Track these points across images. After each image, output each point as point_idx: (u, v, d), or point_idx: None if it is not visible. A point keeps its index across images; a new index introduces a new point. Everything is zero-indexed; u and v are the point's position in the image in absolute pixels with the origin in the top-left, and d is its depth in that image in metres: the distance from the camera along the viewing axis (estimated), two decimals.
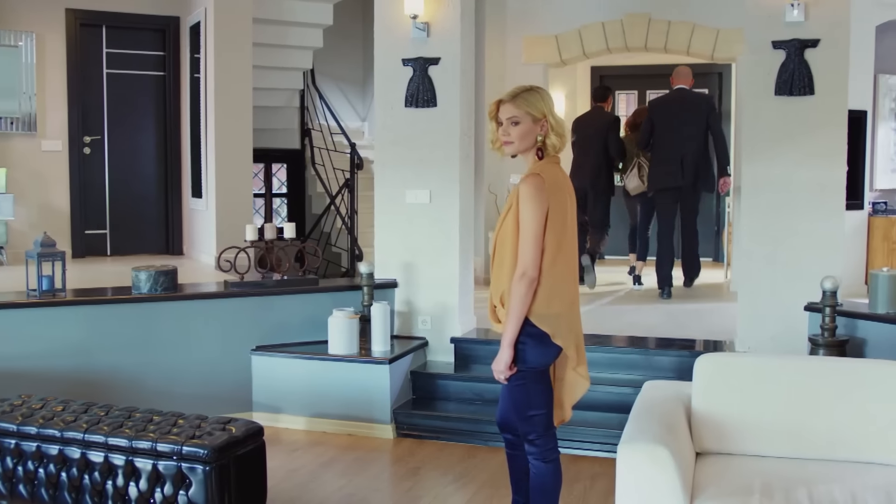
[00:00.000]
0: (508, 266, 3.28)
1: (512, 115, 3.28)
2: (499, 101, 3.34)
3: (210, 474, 3.76)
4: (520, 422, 3.41)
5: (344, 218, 8.81)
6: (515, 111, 3.27)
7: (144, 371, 5.53)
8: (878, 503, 3.13)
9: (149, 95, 8.65)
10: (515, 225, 3.24)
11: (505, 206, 3.36)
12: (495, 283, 3.39)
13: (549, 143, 3.31)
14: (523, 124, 3.27)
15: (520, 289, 3.21)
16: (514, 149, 3.31)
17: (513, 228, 3.25)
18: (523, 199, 3.22)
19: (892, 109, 9.07)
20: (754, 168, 5.57)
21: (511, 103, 3.28)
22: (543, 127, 3.29)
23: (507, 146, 3.32)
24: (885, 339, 5.01)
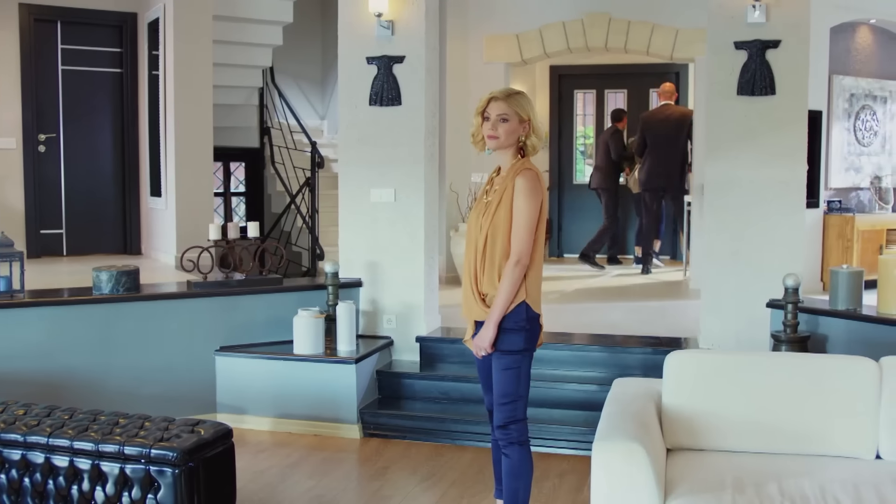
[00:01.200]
0: (501, 253, 3.45)
1: (503, 112, 3.46)
2: (491, 97, 3.50)
3: (179, 477, 3.71)
4: (504, 406, 3.50)
5: (305, 217, 8.74)
6: (507, 109, 3.46)
7: (106, 373, 5.44)
8: (847, 495, 3.18)
9: (106, 92, 8.51)
10: (509, 215, 3.43)
11: (491, 197, 3.51)
12: (489, 270, 3.48)
13: (529, 143, 3.53)
14: (511, 122, 3.47)
15: (514, 274, 3.41)
16: (497, 144, 3.49)
17: (506, 218, 3.44)
18: (521, 191, 3.42)
19: (845, 110, 9.23)
20: (717, 167, 5.63)
21: (504, 101, 3.47)
22: (526, 128, 3.50)
23: (491, 140, 3.49)
24: (845, 334, 5.10)
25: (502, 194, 3.46)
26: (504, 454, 3.56)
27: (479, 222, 3.53)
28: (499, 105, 3.48)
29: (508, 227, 3.44)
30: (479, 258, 3.50)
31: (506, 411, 3.51)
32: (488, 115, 3.50)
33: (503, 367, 3.49)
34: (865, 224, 9.01)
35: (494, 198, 3.49)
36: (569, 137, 11.59)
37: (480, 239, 3.50)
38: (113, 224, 8.63)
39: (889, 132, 9.66)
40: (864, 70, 9.40)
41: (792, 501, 3.14)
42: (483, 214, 3.52)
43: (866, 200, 9.55)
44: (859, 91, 9.33)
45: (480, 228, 3.50)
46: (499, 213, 3.46)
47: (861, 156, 9.45)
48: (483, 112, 3.53)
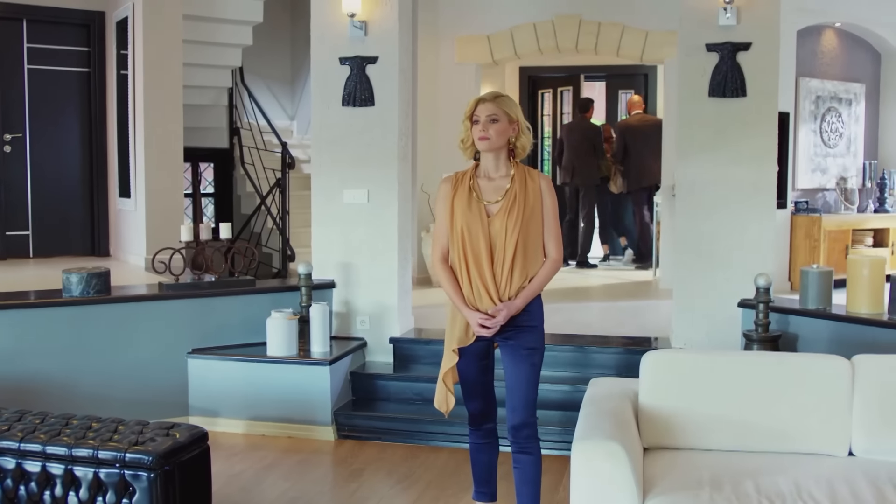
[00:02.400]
0: (534, 255, 3.55)
1: (492, 112, 3.50)
2: (479, 99, 3.56)
3: (155, 481, 3.66)
4: (531, 403, 3.59)
5: (275, 218, 8.69)
6: (496, 110, 3.50)
7: (77, 376, 5.37)
8: (821, 492, 3.22)
9: (73, 92, 8.39)
10: (539, 217, 3.54)
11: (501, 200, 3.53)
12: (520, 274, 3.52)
13: (519, 144, 3.58)
14: (501, 122, 3.51)
15: (552, 272, 3.58)
16: (489, 144, 3.51)
17: (537, 221, 3.54)
18: (550, 192, 3.57)
19: (812, 112, 9.35)
20: (689, 168, 5.68)
21: (492, 102, 3.52)
22: (515, 129, 3.56)
23: (483, 142, 3.51)
24: (815, 333, 5.16)
25: (525, 198, 3.52)
26: (525, 454, 3.61)
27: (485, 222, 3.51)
28: (487, 106, 3.51)
29: (539, 229, 3.54)
30: (508, 264, 3.51)
31: (531, 408, 3.59)
32: (477, 117, 3.53)
33: (533, 364, 3.58)
34: (832, 224, 9.12)
35: (511, 202, 3.51)
36: (538, 138, 11.63)
37: (510, 245, 3.49)
38: (81, 225, 8.51)
39: (854, 134, 9.79)
40: (829, 72, 9.52)
41: (768, 498, 3.17)
42: (507, 217, 3.50)
43: (832, 201, 9.68)
44: (825, 93, 9.45)
45: (506, 233, 3.49)
46: (529, 217, 3.51)
47: (827, 157, 9.57)
48: (472, 116, 3.55)
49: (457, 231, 3.56)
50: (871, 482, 3.29)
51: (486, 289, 3.52)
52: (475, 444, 3.78)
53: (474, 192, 3.57)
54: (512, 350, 3.59)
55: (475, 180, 3.61)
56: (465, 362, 3.64)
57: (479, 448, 3.78)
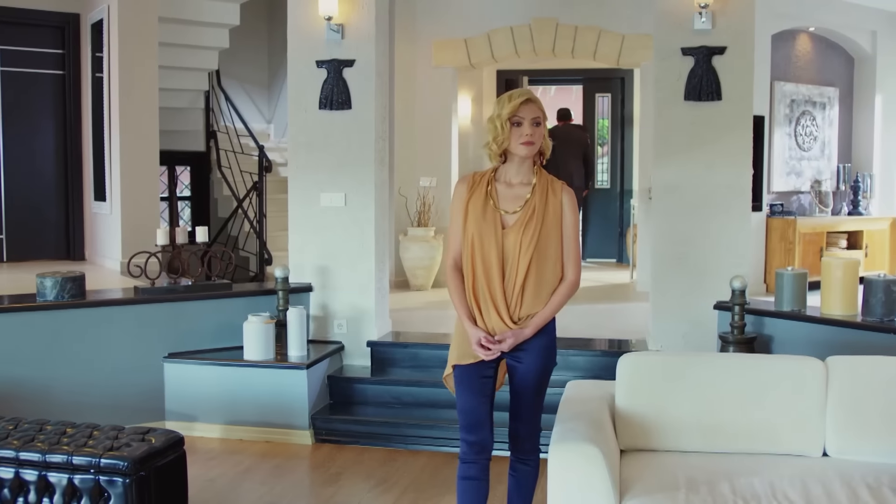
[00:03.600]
0: (553, 272, 3.28)
1: (537, 115, 3.19)
2: (523, 99, 3.19)
3: (130, 487, 3.64)
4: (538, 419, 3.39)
5: (252, 221, 8.66)
6: (539, 112, 3.20)
7: (51, 382, 5.32)
8: (796, 492, 3.24)
9: (47, 95, 8.32)
10: (558, 233, 3.26)
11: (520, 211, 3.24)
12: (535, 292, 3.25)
13: (545, 146, 3.29)
14: (542, 126, 3.23)
15: (567, 296, 3.29)
16: (532, 150, 3.21)
17: (556, 236, 3.26)
18: (572, 209, 3.27)
19: (786, 115, 9.43)
20: (664, 171, 5.71)
21: (536, 104, 3.21)
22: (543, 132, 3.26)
23: (527, 147, 3.19)
24: (790, 334, 5.20)
25: (544, 212, 3.22)
26: (523, 465, 3.43)
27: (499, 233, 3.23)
28: (532, 108, 3.18)
29: (557, 248, 3.26)
30: (520, 282, 3.22)
31: (536, 417, 3.39)
32: (520, 119, 3.17)
33: (544, 382, 3.37)
34: (806, 227, 9.22)
35: (528, 215, 3.22)
36: None
37: (523, 262, 3.20)
38: (55, 229, 8.44)
39: (828, 137, 9.90)
40: (804, 76, 9.63)
41: (743, 499, 3.19)
42: (522, 231, 3.21)
43: (807, 204, 9.77)
44: (799, 97, 9.54)
45: (520, 249, 3.20)
46: (547, 234, 3.23)
47: (802, 160, 9.66)
48: (512, 117, 3.18)
49: (468, 239, 3.25)
50: (845, 482, 3.31)
51: (494, 305, 3.23)
52: (465, 479, 3.34)
53: (491, 199, 3.26)
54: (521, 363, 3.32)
55: (493, 185, 3.29)
56: (462, 382, 3.32)
57: (468, 488, 3.33)
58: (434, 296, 8.44)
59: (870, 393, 3.61)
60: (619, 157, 11.37)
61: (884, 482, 3.32)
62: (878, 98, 10.04)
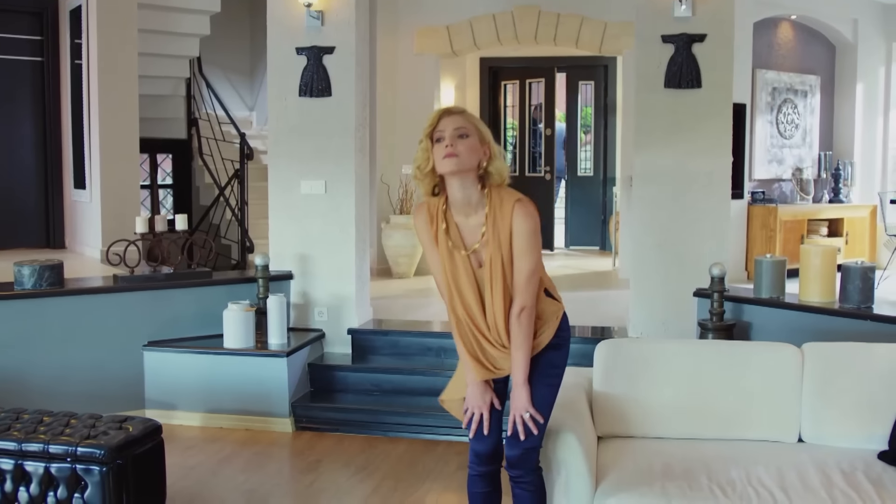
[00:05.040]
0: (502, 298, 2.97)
1: (460, 125, 2.88)
2: (443, 112, 2.93)
3: (107, 475, 3.63)
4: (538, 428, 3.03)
5: (234, 209, 8.62)
6: (465, 122, 2.89)
7: (29, 370, 5.29)
8: (771, 478, 3.26)
9: (25, 82, 8.24)
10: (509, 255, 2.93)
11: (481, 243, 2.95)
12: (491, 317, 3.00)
13: (492, 169, 2.92)
14: (472, 138, 2.88)
15: (527, 324, 2.95)
16: (457, 164, 2.84)
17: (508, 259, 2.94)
18: (522, 226, 2.89)
19: (768, 103, 9.46)
20: (645, 158, 5.72)
21: (460, 115, 2.91)
22: (486, 152, 2.92)
23: (450, 160, 2.84)
24: (768, 321, 5.23)
25: (499, 237, 2.91)
26: (518, 490, 3.08)
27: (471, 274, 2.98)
28: (454, 119, 2.88)
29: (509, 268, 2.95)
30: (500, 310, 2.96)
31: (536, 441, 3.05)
32: (441, 133, 2.88)
33: (548, 384, 3.05)
34: (788, 214, 9.25)
35: (490, 248, 2.93)
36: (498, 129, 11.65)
37: (497, 294, 2.95)
38: (35, 217, 8.37)
39: (809, 125, 9.93)
40: (785, 64, 9.65)
41: (719, 486, 3.21)
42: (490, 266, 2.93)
43: (788, 191, 9.81)
44: (781, 85, 9.57)
45: (491, 282, 2.94)
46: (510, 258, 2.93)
47: (783, 148, 9.69)
48: (432, 133, 2.90)
49: (446, 283, 3.03)
50: (819, 468, 3.34)
51: (486, 340, 3.02)
52: (475, 493, 3.16)
53: (450, 240, 2.97)
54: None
55: (450, 217, 2.99)
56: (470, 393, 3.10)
57: (478, 498, 3.16)
58: (416, 283, 8.44)
59: (845, 379, 3.65)
60: (603, 145, 11.38)
61: (857, 467, 3.35)
62: (859, 86, 10.08)
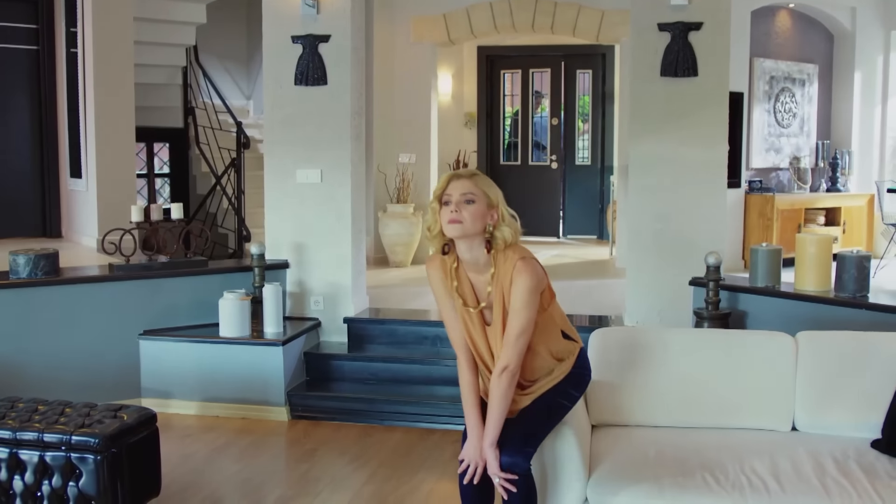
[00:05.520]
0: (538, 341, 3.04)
1: (468, 190, 2.91)
2: (451, 176, 2.98)
3: (101, 464, 3.64)
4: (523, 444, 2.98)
5: (230, 198, 8.62)
6: (472, 188, 2.92)
7: (25, 360, 5.29)
8: (764, 467, 3.26)
9: (21, 71, 8.22)
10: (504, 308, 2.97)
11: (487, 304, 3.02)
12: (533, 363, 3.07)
13: (498, 234, 2.95)
14: (478, 204, 2.91)
15: (504, 384, 2.94)
16: (461, 230, 2.89)
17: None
18: (520, 292, 2.91)
19: (766, 92, 9.44)
20: (641, 147, 5.71)
21: (468, 179, 2.95)
22: (494, 216, 2.94)
23: (453, 225, 2.89)
24: (764, 310, 5.23)
25: (502, 298, 2.96)
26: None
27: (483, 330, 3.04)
28: (462, 183, 2.92)
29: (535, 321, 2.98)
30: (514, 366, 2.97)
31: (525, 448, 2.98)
32: (449, 197, 2.92)
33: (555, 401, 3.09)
34: (785, 203, 9.25)
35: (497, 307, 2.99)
36: (497, 118, 11.64)
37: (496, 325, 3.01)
38: (31, 206, 8.37)
39: (807, 114, 9.92)
40: (783, 53, 9.62)
41: (712, 474, 3.21)
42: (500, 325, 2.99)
43: (786, 180, 9.80)
44: (779, 73, 9.54)
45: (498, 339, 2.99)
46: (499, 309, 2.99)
47: (781, 137, 9.68)
48: (441, 195, 2.95)
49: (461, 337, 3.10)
50: (812, 456, 3.34)
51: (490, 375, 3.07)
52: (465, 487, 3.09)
53: (462, 298, 3.04)
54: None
55: (462, 274, 3.05)
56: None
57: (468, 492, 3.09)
58: (413, 272, 8.44)
59: (839, 368, 3.65)
60: (601, 134, 11.37)
61: (850, 455, 3.35)
62: (857, 75, 10.05)
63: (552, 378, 3.12)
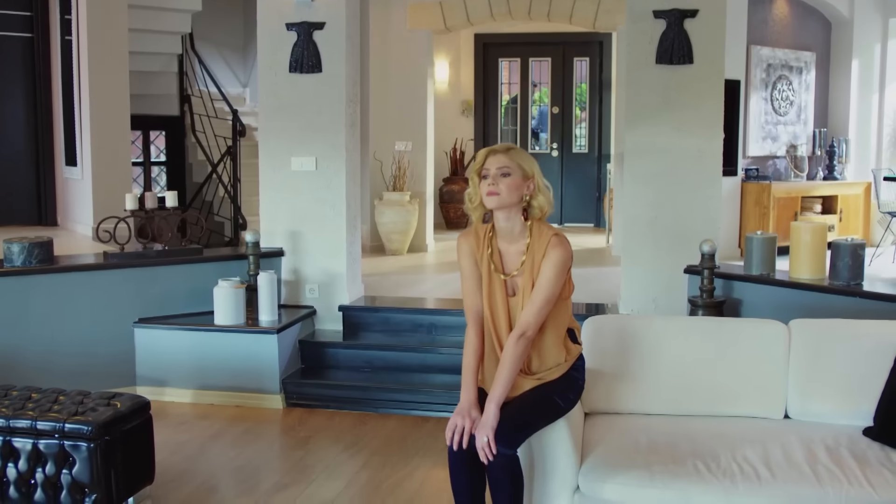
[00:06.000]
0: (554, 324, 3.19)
1: (503, 164, 3.11)
2: (489, 151, 3.17)
3: (95, 452, 3.64)
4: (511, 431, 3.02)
5: (226, 186, 8.61)
6: (508, 162, 3.11)
7: (20, 348, 5.29)
8: (756, 454, 3.27)
9: (16, 58, 8.19)
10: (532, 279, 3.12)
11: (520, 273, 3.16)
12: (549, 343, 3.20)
13: (535, 203, 3.16)
14: (514, 177, 3.11)
15: (522, 349, 3.09)
16: (498, 201, 3.10)
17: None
18: (554, 264, 3.10)
19: (763, 80, 9.42)
20: (636, 135, 5.70)
21: (504, 154, 3.13)
22: (530, 186, 3.14)
23: (491, 198, 3.10)
24: (758, 298, 5.22)
25: (538, 272, 3.12)
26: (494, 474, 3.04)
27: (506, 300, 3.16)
28: (498, 158, 3.12)
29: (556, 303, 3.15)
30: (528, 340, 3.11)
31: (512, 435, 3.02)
32: (486, 171, 3.12)
33: (549, 392, 3.16)
34: (781, 191, 9.24)
35: (527, 278, 3.14)
36: (494, 106, 11.62)
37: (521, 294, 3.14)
38: (27, 194, 8.34)
39: (804, 102, 9.90)
40: (780, 41, 9.60)
41: (703, 462, 3.21)
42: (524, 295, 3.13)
43: (782, 168, 9.80)
44: (776, 61, 9.53)
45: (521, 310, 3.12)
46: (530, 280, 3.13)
47: (778, 125, 9.67)
48: (480, 170, 3.15)
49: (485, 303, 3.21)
50: (804, 444, 3.34)
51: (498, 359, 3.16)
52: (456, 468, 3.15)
53: (493, 264, 3.19)
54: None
55: (495, 243, 3.22)
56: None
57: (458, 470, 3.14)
58: (409, 260, 8.44)
59: (831, 355, 3.65)
60: (598, 122, 11.35)
61: (842, 443, 3.36)
62: (854, 63, 10.04)
63: (553, 371, 3.20)
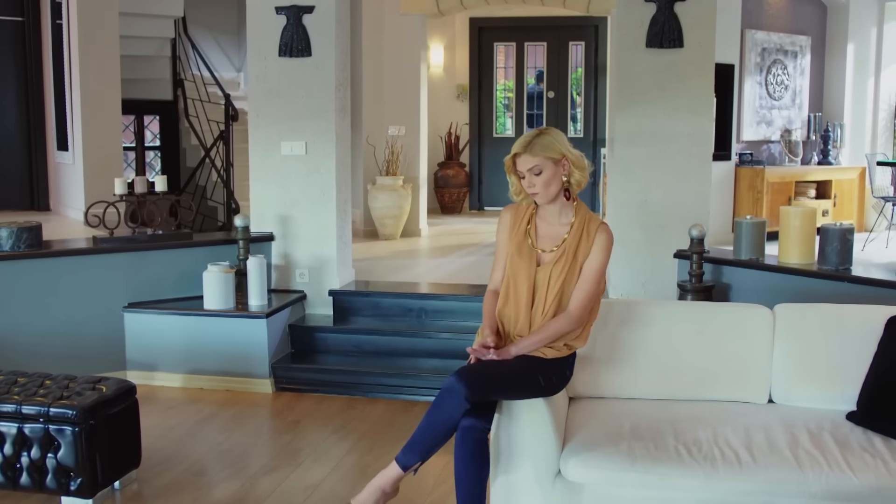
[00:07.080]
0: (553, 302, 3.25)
1: (531, 165, 3.19)
2: (514, 154, 3.23)
3: (80, 436, 3.66)
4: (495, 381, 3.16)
5: (219, 171, 8.60)
6: (534, 160, 3.18)
7: (8, 332, 5.29)
8: (738, 439, 3.27)
9: (7, 42, 8.17)
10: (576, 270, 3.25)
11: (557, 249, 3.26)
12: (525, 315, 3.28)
13: (573, 180, 3.25)
14: (546, 171, 3.19)
15: (564, 325, 3.23)
16: (541, 198, 3.24)
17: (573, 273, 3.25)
18: (602, 250, 3.25)
19: (757, 64, 9.39)
20: (626, 119, 5.69)
21: (527, 154, 3.19)
22: (565, 166, 3.22)
23: (535, 196, 3.25)
24: (747, 283, 5.23)
25: (575, 253, 3.24)
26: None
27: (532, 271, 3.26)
28: (524, 159, 3.20)
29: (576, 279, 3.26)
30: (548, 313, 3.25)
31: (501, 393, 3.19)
32: (521, 173, 3.23)
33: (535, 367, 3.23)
34: (775, 176, 9.22)
35: (561, 252, 3.25)
36: (489, 90, 11.59)
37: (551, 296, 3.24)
38: (19, 179, 8.34)
39: (799, 86, 9.87)
40: (775, 24, 9.56)
41: (685, 446, 3.22)
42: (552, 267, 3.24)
43: (777, 153, 9.77)
44: (771, 45, 9.49)
45: (549, 283, 3.23)
46: (574, 272, 3.25)
47: (772, 109, 9.64)
48: (514, 170, 3.27)
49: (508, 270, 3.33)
50: (787, 428, 3.35)
51: (516, 330, 3.29)
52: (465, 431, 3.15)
53: (529, 238, 3.31)
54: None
55: (534, 221, 3.35)
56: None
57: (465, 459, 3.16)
58: (402, 245, 8.44)
59: (816, 340, 3.65)
60: (593, 106, 11.32)
61: (825, 427, 3.36)
62: (850, 47, 10.00)
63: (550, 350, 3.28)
